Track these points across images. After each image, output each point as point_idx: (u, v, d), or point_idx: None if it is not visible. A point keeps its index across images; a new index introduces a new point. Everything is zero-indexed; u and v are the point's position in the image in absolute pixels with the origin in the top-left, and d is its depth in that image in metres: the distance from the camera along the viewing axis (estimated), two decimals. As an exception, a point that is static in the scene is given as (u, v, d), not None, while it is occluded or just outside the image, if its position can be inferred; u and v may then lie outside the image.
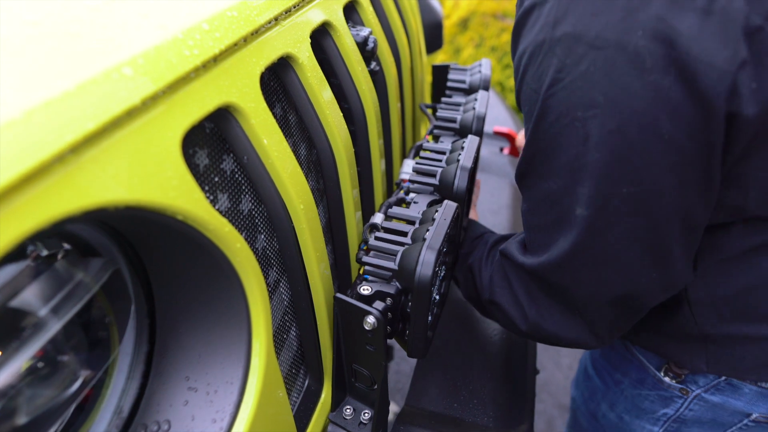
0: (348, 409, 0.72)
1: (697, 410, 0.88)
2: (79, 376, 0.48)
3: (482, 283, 0.84)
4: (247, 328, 0.57)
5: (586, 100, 0.60)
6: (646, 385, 0.92)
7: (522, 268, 0.76)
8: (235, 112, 0.57)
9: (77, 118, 0.40)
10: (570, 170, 0.64)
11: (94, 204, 0.40)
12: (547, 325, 0.76)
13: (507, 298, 0.79)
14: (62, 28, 0.47)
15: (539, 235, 0.72)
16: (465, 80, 1.15)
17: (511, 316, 0.79)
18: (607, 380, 1.00)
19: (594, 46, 0.59)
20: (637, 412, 0.96)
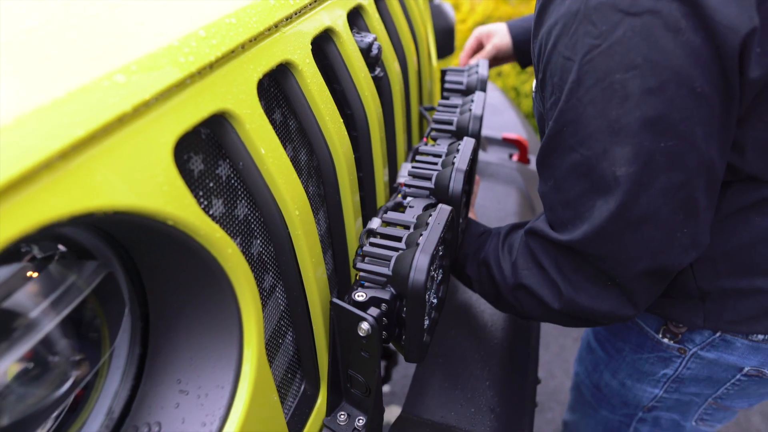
0: (342, 414, 0.72)
1: (694, 368, 0.95)
2: (68, 378, 0.48)
3: (503, 273, 0.84)
4: (238, 333, 0.57)
5: (625, 63, 0.64)
6: (646, 348, 0.98)
7: (556, 245, 0.76)
8: (230, 119, 0.58)
9: (66, 125, 0.40)
10: (609, 132, 0.67)
11: (82, 209, 0.41)
12: (583, 300, 0.76)
13: (537, 279, 0.79)
14: (59, 35, 0.48)
15: (569, 210, 0.73)
16: (462, 81, 1.15)
17: (542, 296, 0.79)
18: (609, 350, 1.06)
19: (629, 12, 0.64)
20: (639, 375, 1.01)
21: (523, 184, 1.43)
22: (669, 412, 1.05)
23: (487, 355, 0.95)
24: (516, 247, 0.84)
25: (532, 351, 1.04)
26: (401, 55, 1.10)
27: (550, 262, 0.78)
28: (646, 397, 1.03)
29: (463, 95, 1.12)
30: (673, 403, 1.02)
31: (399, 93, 1.03)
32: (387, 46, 0.99)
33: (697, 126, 0.65)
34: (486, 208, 1.32)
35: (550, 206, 0.77)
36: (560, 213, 0.75)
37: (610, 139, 0.67)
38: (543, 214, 0.83)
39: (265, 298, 0.68)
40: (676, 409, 1.04)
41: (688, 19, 0.62)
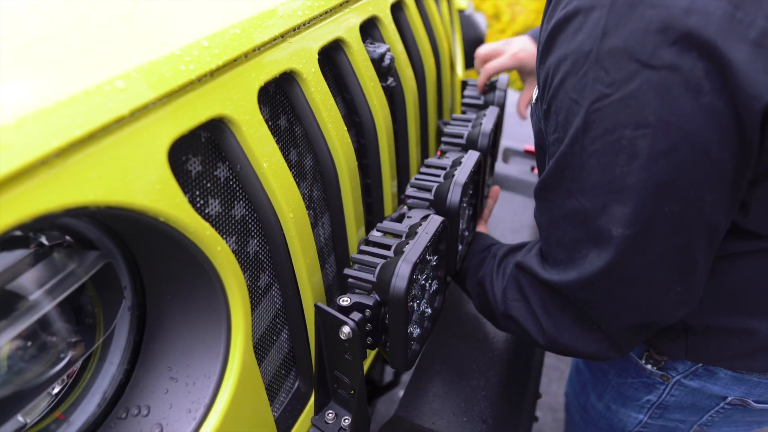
0: (330, 413, 0.75)
1: (677, 395, 0.94)
2: (64, 357, 0.52)
3: (495, 298, 0.84)
4: (226, 327, 0.60)
5: (636, 119, 0.60)
6: (630, 373, 0.97)
7: (543, 284, 0.75)
8: (229, 124, 0.61)
9: (66, 126, 0.44)
10: (609, 189, 0.64)
11: (75, 203, 0.45)
12: (565, 340, 0.76)
13: (522, 312, 0.79)
14: (68, 43, 0.52)
15: (563, 251, 0.72)
16: (479, 96, 1.16)
17: (528, 329, 0.79)
18: (596, 371, 1.05)
19: (647, 64, 0.59)
20: (623, 400, 1.01)
21: (542, 197, 1.42)
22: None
23: (485, 366, 0.95)
24: (507, 274, 0.83)
25: (535, 365, 1.04)
26: (419, 66, 1.12)
27: (536, 298, 0.77)
28: (630, 422, 1.02)
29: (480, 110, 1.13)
30: (659, 429, 1.00)
31: (413, 103, 1.05)
32: (402, 56, 1.01)
33: (706, 191, 0.62)
34: (502, 219, 1.32)
35: (546, 239, 0.75)
36: (555, 250, 0.73)
37: (610, 196, 0.64)
38: (536, 245, 0.81)
39: (261, 296, 0.72)
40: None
41: (711, 80, 0.57)
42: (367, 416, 0.74)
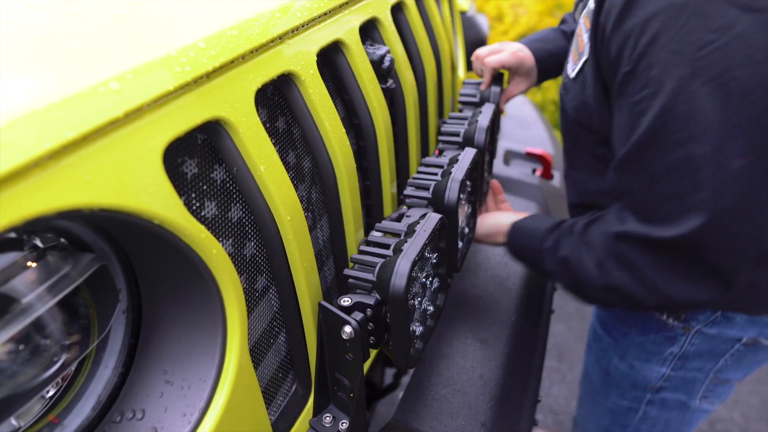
0: (328, 416, 0.74)
1: (697, 344, 1.00)
2: (58, 360, 0.52)
3: (587, 273, 0.85)
4: (222, 331, 0.60)
5: (744, 59, 0.66)
6: (652, 330, 1.03)
7: (654, 244, 0.77)
8: (226, 125, 0.61)
9: (58, 128, 0.44)
10: (723, 128, 0.68)
11: (68, 205, 0.44)
12: (680, 294, 0.78)
13: (627, 281, 0.81)
14: (65, 45, 0.52)
15: (673, 204, 0.74)
16: (476, 94, 1.15)
17: (635, 295, 0.81)
18: (616, 335, 1.10)
19: (748, 8, 0.65)
20: (646, 356, 1.06)
21: (543, 201, 1.41)
22: (675, 393, 1.09)
23: (485, 369, 0.95)
24: (597, 247, 0.84)
25: (535, 369, 1.03)
26: (420, 67, 1.12)
27: (646, 262, 0.78)
28: (654, 377, 1.07)
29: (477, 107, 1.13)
30: (679, 382, 1.06)
31: (413, 105, 1.04)
32: (402, 58, 1.01)
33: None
34: (502, 221, 1.32)
35: (645, 200, 0.77)
36: (662, 207, 0.75)
37: (725, 134, 0.68)
38: (617, 213, 0.83)
39: (258, 298, 0.71)
40: (681, 388, 1.08)
41: None
42: (365, 420, 0.73)
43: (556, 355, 2.55)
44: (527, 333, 1.07)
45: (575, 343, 2.60)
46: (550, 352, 2.57)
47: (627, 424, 1.18)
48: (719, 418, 2.25)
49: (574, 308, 2.79)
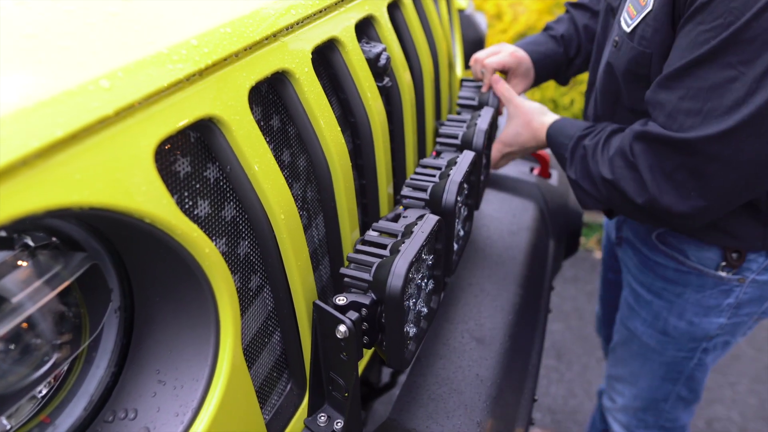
0: (322, 416, 0.74)
1: (750, 292, 1.13)
2: (49, 359, 0.52)
3: (597, 165, 0.98)
4: (215, 330, 0.60)
5: None
6: (708, 286, 1.14)
7: (665, 144, 0.88)
8: (219, 124, 0.60)
9: (47, 126, 0.43)
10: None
11: (57, 204, 0.44)
12: (665, 201, 0.90)
13: (626, 176, 0.93)
14: (55, 42, 0.51)
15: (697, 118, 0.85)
16: (474, 97, 1.15)
17: (627, 191, 0.93)
18: (668, 297, 1.20)
19: None
20: (705, 311, 1.17)
21: (541, 199, 1.41)
22: (725, 336, 1.22)
23: (482, 368, 0.94)
24: (612, 146, 0.97)
25: (532, 368, 1.03)
26: (417, 66, 1.11)
27: (647, 164, 0.90)
28: (712, 328, 1.19)
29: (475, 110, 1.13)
30: (731, 327, 1.19)
31: (409, 103, 1.04)
32: (399, 56, 1.00)
33: None
34: (500, 220, 1.31)
35: (671, 112, 0.88)
36: (684, 119, 0.86)
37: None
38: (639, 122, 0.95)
39: (252, 298, 0.71)
40: (731, 332, 1.21)
41: None
42: (359, 420, 0.73)
43: (555, 354, 2.55)
44: (524, 332, 1.07)
45: (573, 342, 2.60)
46: (548, 351, 2.57)
47: (681, 370, 1.30)
48: (717, 417, 2.26)
49: (572, 307, 2.79)
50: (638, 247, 1.26)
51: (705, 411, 2.27)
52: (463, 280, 1.12)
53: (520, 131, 1.18)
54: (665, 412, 1.38)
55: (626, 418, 1.45)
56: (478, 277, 1.13)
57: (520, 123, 1.18)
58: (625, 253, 1.33)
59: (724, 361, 2.50)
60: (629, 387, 1.41)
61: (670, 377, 1.32)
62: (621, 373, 1.42)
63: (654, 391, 1.35)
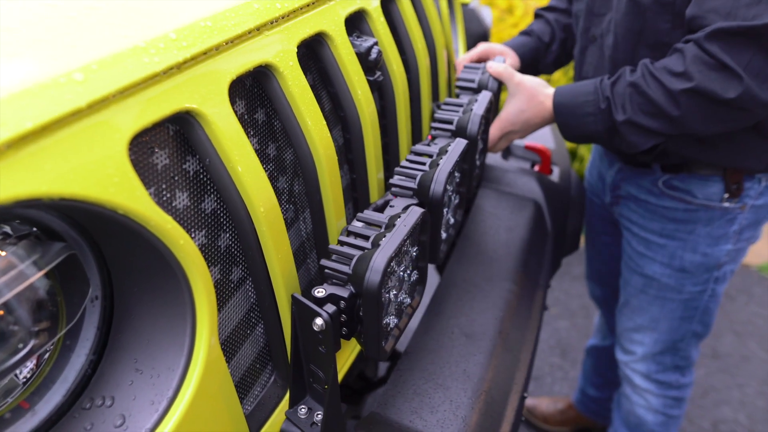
0: (303, 408, 0.74)
1: (749, 216, 1.28)
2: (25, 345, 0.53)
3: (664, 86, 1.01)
4: (191, 320, 0.60)
5: None
6: (715, 218, 1.28)
7: (743, 33, 0.93)
8: (197, 117, 0.61)
9: (17, 118, 0.44)
10: None
11: (27, 194, 0.45)
12: (761, 90, 0.95)
13: (712, 76, 0.97)
14: (32, 35, 0.52)
15: (760, 6, 0.92)
16: (474, 79, 1.14)
17: (718, 90, 0.96)
18: (681, 236, 1.33)
19: None
20: (715, 241, 1.31)
21: (541, 196, 1.40)
22: (731, 264, 1.36)
23: (470, 363, 0.94)
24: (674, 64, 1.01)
25: (522, 365, 1.03)
26: (412, 60, 1.11)
27: (732, 54, 0.94)
28: (722, 256, 1.32)
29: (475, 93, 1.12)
30: (735, 254, 1.34)
31: (402, 96, 1.04)
32: (391, 50, 1.00)
33: None
34: (497, 216, 1.31)
35: (729, 11, 0.95)
36: (747, 12, 0.93)
37: None
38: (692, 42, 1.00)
39: (233, 290, 0.72)
40: (734, 258, 1.35)
41: None
42: (339, 411, 0.73)
43: (560, 352, 2.54)
44: (515, 329, 1.06)
45: (579, 340, 2.58)
46: (553, 349, 2.55)
47: (697, 306, 1.41)
48: (724, 419, 2.23)
49: (579, 305, 2.77)
50: (643, 199, 1.37)
51: (712, 412, 2.25)
52: (455, 275, 1.12)
53: (523, 108, 1.18)
54: (681, 350, 1.50)
55: (646, 366, 1.54)
56: (471, 273, 1.13)
57: (523, 99, 1.18)
58: (626, 209, 1.44)
59: (733, 361, 2.46)
60: (649, 333, 1.49)
61: (688, 315, 1.43)
62: (639, 323, 1.50)
63: (673, 332, 1.46)
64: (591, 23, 1.29)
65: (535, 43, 1.48)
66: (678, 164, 1.27)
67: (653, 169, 1.32)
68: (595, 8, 1.27)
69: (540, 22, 1.52)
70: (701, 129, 1.04)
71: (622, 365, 1.62)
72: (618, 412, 1.75)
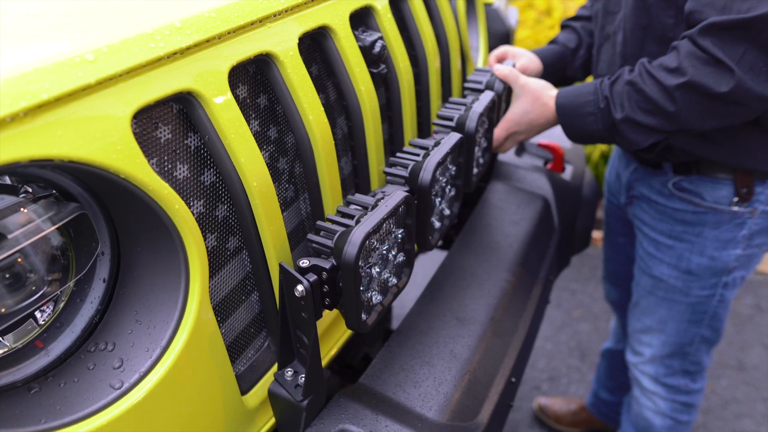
0: (290, 371, 0.81)
1: (760, 222, 1.27)
2: (36, 291, 0.61)
3: (660, 82, 1.03)
4: (185, 278, 0.68)
5: None
6: (724, 222, 1.28)
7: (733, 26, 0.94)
8: (198, 97, 0.68)
9: (34, 90, 0.52)
10: None
11: (40, 155, 0.53)
12: (754, 83, 0.96)
13: (705, 70, 0.98)
14: (51, 21, 0.61)
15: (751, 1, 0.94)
16: (482, 81, 1.18)
17: (711, 84, 0.98)
18: (689, 238, 1.33)
19: None
20: (723, 245, 1.30)
21: (550, 193, 1.42)
22: (740, 270, 1.35)
23: (458, 345, 0.98)
24: (669, 61, 1.03)
25: (513, 351, 1.06)
26: (422, 55, 1.16)
27: (724, 48, 0.96)
28: (730, 260, 1.32)
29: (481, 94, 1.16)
30: (745, 260, 1.33)
31: (407, 89, 1.09)
32: (397, 45, 1.05)
33: None
34: (504, 210, 1.34)
35: (724, 5, 0.96)
36: (741, 5, 0.94)
37: None
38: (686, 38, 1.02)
39: (229, 257, 0.79)
40: (745, 265, 1.34)
41: None
42: (321, 375, 0.79)
43: (579, 355, 2.53)
44: (508, 317, 1.10)
45: (600, 344, 2.56)
46: (573, 351, 2.54)
47: (705, 310, 1.40)
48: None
49: (602, 309, 2.75)
50: (653, 200, 1.37)
51: (733, 423, 2.20)
52: (455, 262, 1.16)
53: (528, 109, 1.22)
54: (690, 355, 1.49)
55: (654, 368, 1.54)
56: (470, 261, 1.17)
57: (528, 100, 1.22)
58: (639, 209, 1.44)
59: (759, 375, 2.40)
60: (657, 335, 1.49)
61: (696, 319, 1.42)
62: (648, 324, 1.50)
63: (681, 335, 1.45)
64: (606, 21, 1.31)
65: (560, 49, 1.49)
66: (688, 165, 1.27)
67: (665, 170, 1.32)
68: (610, 6, 1.30)
69: (566, 31, 1.54)
70: (698, 124, 1.04)
71: (631, 367, 1.62)
72: (627, 415, 1.75)
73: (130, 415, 0.63)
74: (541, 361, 2.50)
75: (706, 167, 1.25)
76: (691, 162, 1.26)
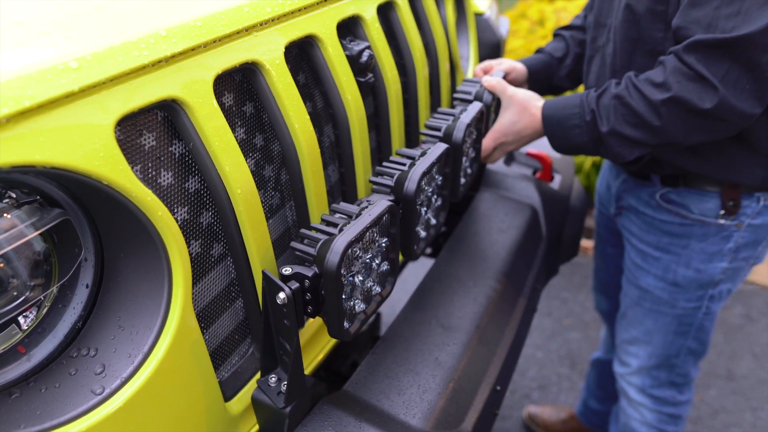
0: (273, 377, 0.81)
1: (746, 235, 1.28)
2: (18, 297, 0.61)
3: (646, 96, 1.04)
4: (168, 284, 0.68)
5: None
6: (710, 234, 1.28)
7: (719, 45, 0.96)
8: (183, 105, 0.69)
9: (17, 97, 0.53)
10: None
11: (22, 161, 0.53)
12: (737, 100, 0.98)
13: (689, 87, 1.00)
14: (37, 28, 0.61)
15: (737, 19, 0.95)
16: (471, 92, 1.19)
17: (695, 100, 1.00)
18: (675, 250, 1.34)
19: None
20: (709, 257, 1.31)
21: (538, 201, 1.43)
22: (727, 283, 1.35)
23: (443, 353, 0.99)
24: (655, 75, 1.05)
25: (497, 360, 1.07)
26: (410, 64, 1.17)
27: (709, 66, 0.98)
28: (716, 273, 1.32)
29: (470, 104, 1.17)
30: (732, 273, 1.33)
31: (395, 98, 1.10)
32: (384, 54, 1.06)
33: None
34: (491, 218, 1.35)
35: (710, 23, 0.98)
36: (725, 24, 0.96)
37: None
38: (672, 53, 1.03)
39: (213, 264, 0.79)
40: (732, 278, 1.34)
41: None
42: (303, 382, 0.80)
43: (569, 363, 2.53)
44: (494, 325, 1.10)
45: (590, 352, 2.57)
46: (563, 360, 2.55)
47: (691, 322, 1.41)
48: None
49: (592, 317, 2.75)
50: (641, 211, 1.38)
51: (721, 433, 2.20)
52: (442, 270, 1.17)
53: (515, 119, 1.22)
54: (677, 367, 1.50)
55: (641, 380, 1.55)
56: (457, 269, 1.18)
57: (515, 111, 1.23)
58: (627, 220, 1.45)
59: (748, 384, 2.41)
60: (643, 346, 1.50)
61: (682, 330, 1.43)
62: (634, 335, 1.51)
63: (667, 346, 1.46)
64: (597, 33, 1.33)
65: (546, 58, 1.51)
66: (676, 178, 1.28)
67: (653, 181, 1.33)
68: (601, 18, 1.32)
69: (555, 40, 1.56)
70: (683, 139, 1.06)
71: (618, 377, 1.63)
72: (615, 425, 1.75)
73: (110, 421, 0.63)
74: (531, 369, 2.50)
75: (694, 180, 1.26)
76: (679, 174, 1.27)
